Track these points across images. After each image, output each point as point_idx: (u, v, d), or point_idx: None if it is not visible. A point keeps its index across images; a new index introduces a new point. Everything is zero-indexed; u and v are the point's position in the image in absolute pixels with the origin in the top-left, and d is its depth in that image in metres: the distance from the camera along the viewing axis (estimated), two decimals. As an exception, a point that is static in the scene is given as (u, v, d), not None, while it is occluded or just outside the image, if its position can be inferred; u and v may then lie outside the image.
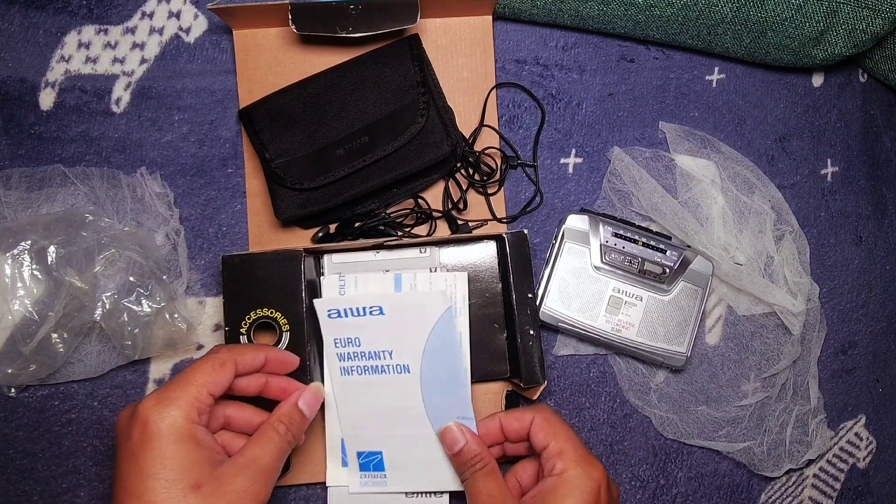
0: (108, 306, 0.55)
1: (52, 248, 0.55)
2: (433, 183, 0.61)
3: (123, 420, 0.42)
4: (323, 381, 0.55)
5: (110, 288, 0.56)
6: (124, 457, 0.41)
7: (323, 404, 0.54)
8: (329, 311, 0.54)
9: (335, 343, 0.54)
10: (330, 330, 0.54)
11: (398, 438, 0.55)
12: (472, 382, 0.59)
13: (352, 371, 0.54)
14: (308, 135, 0.57)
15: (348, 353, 0.54)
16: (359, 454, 0.56)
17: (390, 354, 0.54)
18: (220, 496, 0.40)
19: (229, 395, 0.48)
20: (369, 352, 0.54)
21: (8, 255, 0.55)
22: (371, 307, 0.53)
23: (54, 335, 0.55)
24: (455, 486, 0.54)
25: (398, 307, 0.53)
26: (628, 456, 0.63)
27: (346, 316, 0.54)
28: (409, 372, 0.54)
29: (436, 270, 0.58)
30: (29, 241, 0.56)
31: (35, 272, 0.56)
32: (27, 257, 0.56)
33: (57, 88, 0.61)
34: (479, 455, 0.49)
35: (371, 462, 0.55)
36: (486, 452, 0.50)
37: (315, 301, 0.54)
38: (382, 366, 0.54)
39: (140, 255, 0.56)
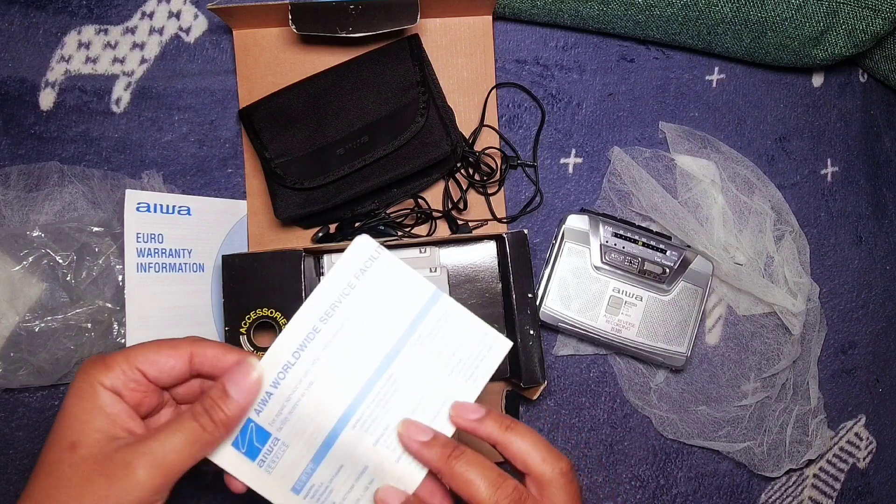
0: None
1: (60, 260, 0.56)
2: (433, 183, 0.61)
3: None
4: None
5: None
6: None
7: None
8: (139, 204, 0.54)
9: (137, 238, 0.54)
10: (135, 224, 0.54)
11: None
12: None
13: (149, 268, 0.55)
14: (308, 135, 0.57)
15: (149, 250, 0.55)
16: None
17: (189, 253, 0.55)
18: (99, 466, 0.35)
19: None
20: (170, 249, 0.55)
21: (19, 266, 0.56)
22: (180, 206, 0.55)
23: (71, 346, 0.55)
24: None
25: (203, 209, 0.56)
26: (628, 456, 0.63)
27: (155, 211, 0.54)
28: (203, 271, 0.55)
29: (436, 270, 0.58)
30: (41, 252, 0.56)
31: (46, 283, 0.56)
32: (39, 268, 0.56)
33: (57, 88, 0.61)
34: (453, 443, 0.40)
35: None
36: (455, 443, 0.40)
37: (127, 191, 0.54)
38: (180, 264, 0.55)
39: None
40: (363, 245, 0.40)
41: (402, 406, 0.40)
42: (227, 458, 0.38)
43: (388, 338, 0.41)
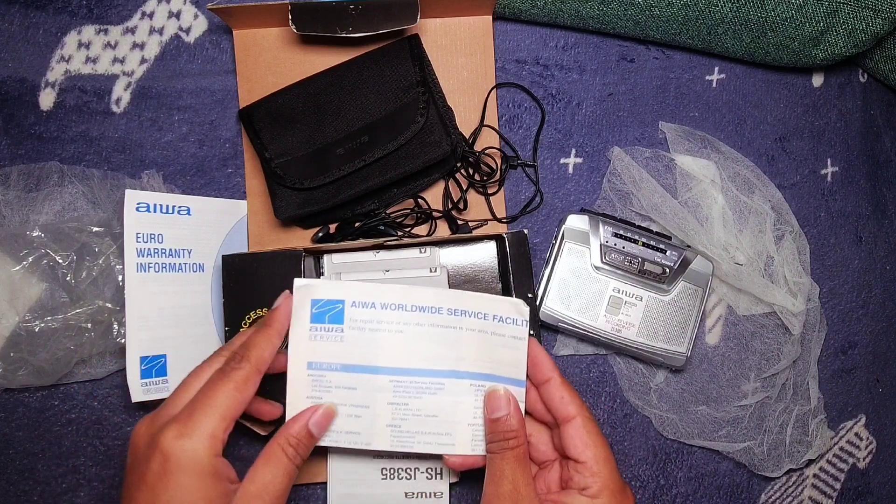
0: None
1: (60, 260, 0.56)
2: (433, 183, 0.61)
3: (141, 444, 0.40)
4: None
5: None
6: (140, 484, 0.39)
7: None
8: (139, 203, 0.54)
9: (137, 238, 0.54)
10: (135, 223, 0.55)
11: (184, 338, 0.55)
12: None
13: (149, 268, 0.55)
14: (308, 134, 0.57)
15: (149, 250, 0.55)
16: (142, 359, 0.55)
17: (189, 253, 0.56)
18: None
19: None
20: (170, 249, 0.55)
21: (19, 266, 0.55)
22: (180, 206, 0.56)
23: (71, 346, 0.55)
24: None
25: (203, 209, 0.57)
26: (628, 456, 0.63)
27: (155, 211, 0.55)
28: (202, 271, 0.56)
29: (436, 270, 0.58)
30: (41, 252, 0.56)
31: (46, 283, 0.56)
32: (39, 268, 0.56)
33: (57, 88, 0.61)
34: (516, 434, 0.45)
35: (154, 367, 0.55)
36: (524, 433, 0.46)
37: (127, 191, 0.55)
38: (180, 264, 0.55)
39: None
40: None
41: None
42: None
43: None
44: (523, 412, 0.48)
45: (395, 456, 0.56)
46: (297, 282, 0.47)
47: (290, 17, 0.56)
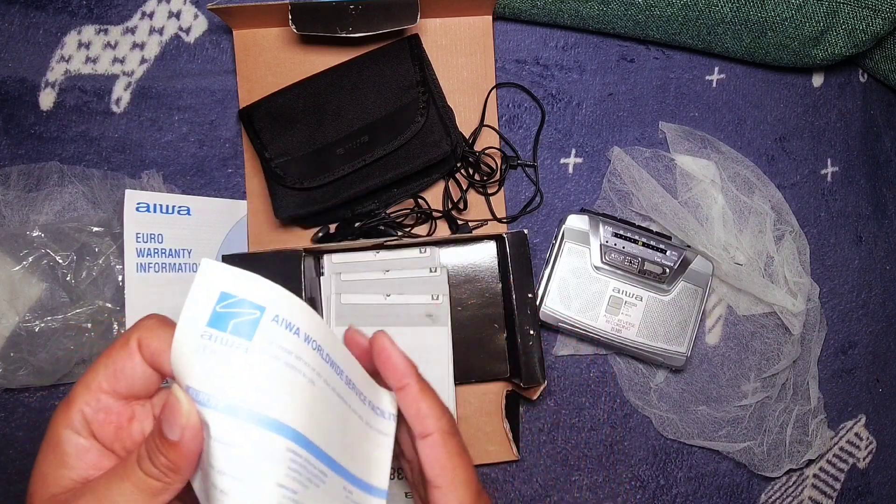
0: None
1: (60, 260, 0.56)
2: (433, 183, 0.61)
3: None
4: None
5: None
6: None
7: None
8: (139, 204, 0.54)
9: (137, 238, 0.54)
10: (135, 223, 0.54)
11: None
12: (471, 382, 0.60)
13: (149, 268, 0.55)
14: (308, 134, 0.57)
15: (149, 250, 0.55)
16: None
17: (189, 253, 0.55)
18: None
19: None
20: (170, 249, 0.55)
21: (19, 266, 0.55)
22: (180, 206, 0.55)
23: (71, 346, 0.55)
24: None
25: (203, 209, 0.56)
26: (628, 456, 0.63)
27: (155, 211, 0.54)
28: None
29: (436, 270, 0.58)
30: (41, 252, 0.56)
31: (46, 283, 0.56)
32: (38, 268, 0.56)
33: (57, 88, 0.61)
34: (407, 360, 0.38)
35: None
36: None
37: (127, 191, 0.55)
38: (180, 264, 0.55)
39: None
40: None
41: None
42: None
43: None
44: None
45: (395, 457, 0.56)
46: (206, 262, 0.30)
47: (290, 17, 0.56)
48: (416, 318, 0.58)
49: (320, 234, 0.60)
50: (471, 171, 0.61)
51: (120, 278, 0.57)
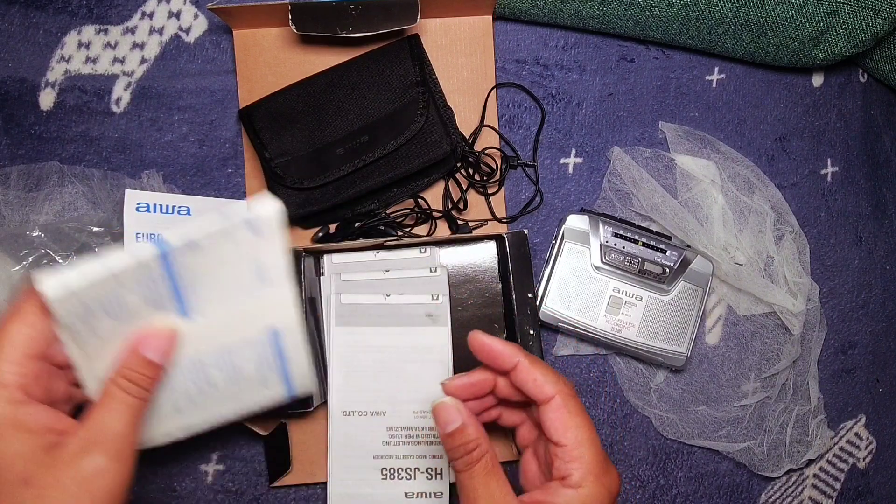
0: None
1: (60, 260, 0.56)
2: (433, 183, 0.61)
3: None
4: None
5: None
6: None
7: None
8: (139, 204, 0.55)
9: (137, 238, 0.55)
10: (135, 224, 0.55)
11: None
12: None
13: None
14: (308, 134, 0.57)
15: None
16: None
17: None
18: (63, 486, 0.33)
19: None
20: None
21: (19, 266, 0.55)
22: (180, 206, 0.55)
23: None
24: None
25: (203, 209, 0.56)
26: (628, 456, 0.63)
27: (155, 212, 0.55)
28: None
29: (436, 270, 0.58)
30: (41, 252, 0.56)
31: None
32: (38, 268, 0.56)
33: (57, 88, 0.61)
34: (477, 443, 0.40)
35: None
36: (485, 440, 0.40)
37: (127, 191, 0.55)
38: None
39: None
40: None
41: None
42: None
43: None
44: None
45: (396, 456, 0.56)
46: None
47: (290, 17, 0.56)
48: (416, 318, 0.58)
49: (320, 234, 0.60)
50: (471, 171, 0.61)
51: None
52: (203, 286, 0.38)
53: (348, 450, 0.57)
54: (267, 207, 0.36)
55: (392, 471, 0.56)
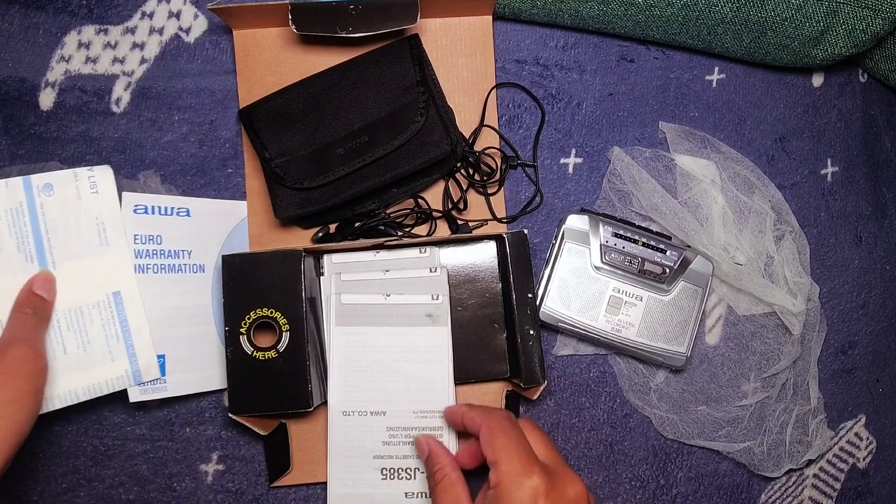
0: None
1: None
2: (433, 183, 0.61)
3: None
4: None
5: None
6: None
7: None
8: (136, 206, 0.56)
9: (135, 239, 0.55)
10: (133, 226, 0.56)
11: (183, 338, 0.56)
12: (471, 382, 0.59)
13: (148, 269, 0.55)
14: (308, 134, 0.57)
15: (147, 251, 0.55)
16: None
17: (189, 254, 0.56)
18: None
19: None
20: (169, 250, 0.56)
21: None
22: (178, 208, 0.57)
23: None
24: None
25: (202, 210, 0.58)
26: (628, 456, 0.63)
27: (153, 213, 0.56)
28: (203, 272, 0.57)
29: (436, 270, 0.58)
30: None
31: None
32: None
33: (57, 88, 0.61)
34: (440, 466, 0.50)
35: None
36: (448, 463, 0.50)
37: (125, 194, 0.56)
38: (180, 265, 0.56)
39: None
40: None
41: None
42: None
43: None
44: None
45: (396, 456, 0.56)
46: None
47: (290, 17, 0.56)
48: (416, 318, 0.58)
49: (320, 234, 0.60)
50: (471, 171, 0.61)
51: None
52: (57, 238, 0.49)
53: (348, 450, 0.57)
54: (104, 168, 0.51)
55: (392, 471, 0.56)
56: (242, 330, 0.54)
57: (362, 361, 0.57)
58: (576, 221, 0.60)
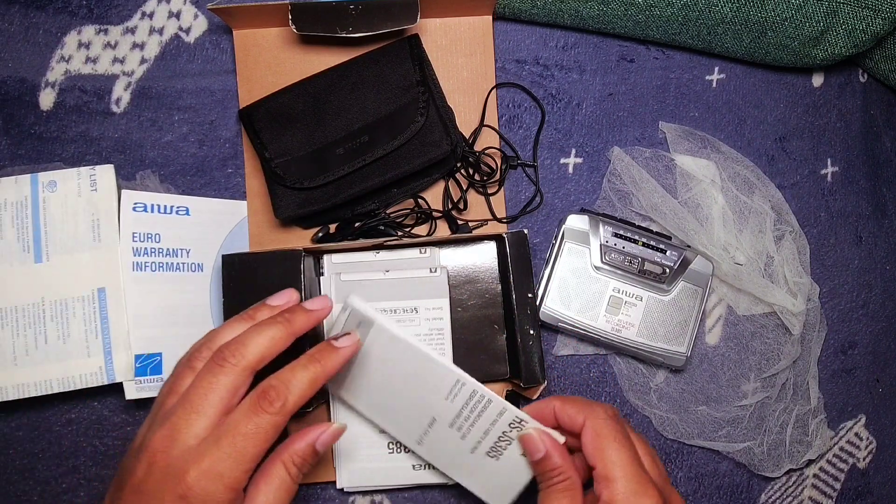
0: None
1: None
2: (433, 183, 0.61)
3: (160, 463, 0.39)
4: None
5: None
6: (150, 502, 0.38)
7: None
8: (135, 204, 0.56)
9: (133, 237, 0.55)
10: (132, 224, 0.56)
11: (180, 337, 0.56)
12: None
13: (146, 267, 0.55)
14: (308, 134, 0.57)
15: (146, 249, 0.56)
16: (137, 357, 0.55)
17: (187, 253, 0.57)
18: None
19: None
20: (167, 249, 0.56)
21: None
22: (178, 206, 0.57)
23: None
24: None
25: (201, 209, 0.58)
26: (628, 456, 0.63)
27: (152, 211, 0.56)
28: (201, 271, 0.57)
29: (436, 271, 0.58)
30: None
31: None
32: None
33: (57, 88, 0.61)
34: (559, 469, 0.45)
35: (149, 366, 0.55)
36: (568, 466, 0.45)
37: (124, 191, 0.56)
38: (178, 263, 0.56)
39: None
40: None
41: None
42: None
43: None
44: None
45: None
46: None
47: (290, 17, 0.56)
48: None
49: (320, 234, 0.60)
50: (471, 171, 0.61)
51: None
52: (54, 232, 0.50)
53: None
54: (106, 167, 0.51)
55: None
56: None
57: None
58: (576, 221, 0.60)
